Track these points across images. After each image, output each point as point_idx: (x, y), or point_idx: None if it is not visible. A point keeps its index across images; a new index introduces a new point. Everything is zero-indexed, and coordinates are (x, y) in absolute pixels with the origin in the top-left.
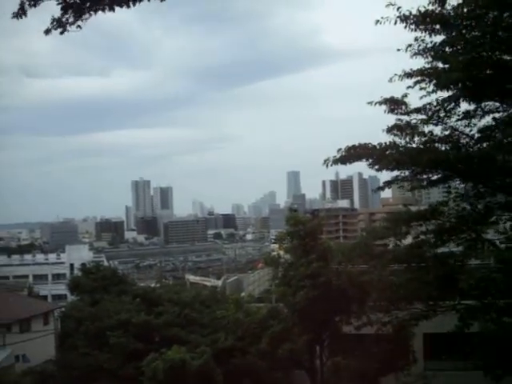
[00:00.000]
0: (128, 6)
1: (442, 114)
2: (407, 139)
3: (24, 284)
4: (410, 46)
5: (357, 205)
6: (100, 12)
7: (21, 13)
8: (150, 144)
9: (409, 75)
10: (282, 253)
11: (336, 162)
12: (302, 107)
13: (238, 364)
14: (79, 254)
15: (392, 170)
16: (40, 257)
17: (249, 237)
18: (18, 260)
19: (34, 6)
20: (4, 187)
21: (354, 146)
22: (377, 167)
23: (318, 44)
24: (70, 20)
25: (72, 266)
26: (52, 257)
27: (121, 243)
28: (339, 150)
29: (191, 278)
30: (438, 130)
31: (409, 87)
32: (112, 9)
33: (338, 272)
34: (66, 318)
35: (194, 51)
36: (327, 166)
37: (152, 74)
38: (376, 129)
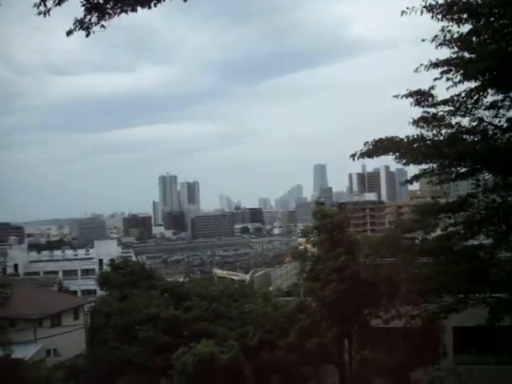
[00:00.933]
0: (149, 7)
1: (469, 105)
2: (434, 132)
3: (54, 279)
4: (436, 36)
5: (384, 198)
6: (123, 13)
7: (41, 5)
8: (177, 139)
9: (435, 65)
10: (309, 246)
11: (363, 155)
12: (328, 100)
13: (267, 358)
14: (108, 250)
15: (419, 163)
16: (69, 252)
17: (276, 231)
18: (48, 256)
19: (59, 4)
20: (32, 185)
21: (380, 139)
22: (404, 161)
23: (346, 36)
24: (94, 20)
25: (101, 261)
26: (81, 252)
27: (148, 238)
28: (366, 143)
29: (219, 272)
30: (465, 122)
31: (436, 79)
32: (134, 9)
33: (366, 265)
34: (96, 312)
35: (218, 46)
36: (354, 159)
37: (176, 69)
38: (405, 122)
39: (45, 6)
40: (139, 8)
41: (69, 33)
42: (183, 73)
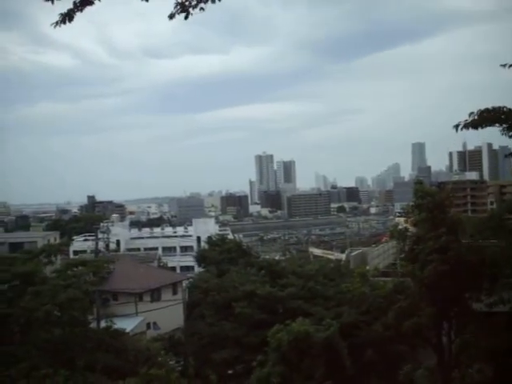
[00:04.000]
0: None
1: None
2: None
3: (154, 256)
4: None
5: (486, 177)
6: None
7: None
8: (273, 118)
9: None
10: (408, 226)
11: (467, 126)
12: (426, 76)
13: (363, 337)
14: (206, 227)
15: None
16: (169, 230)
17: (372, 210)
18: (148, 233)
19: None
20: (133, 165)
21: (487, 109)
22: (511, 133)
23: (442, 8)
24: (193, 3)
25: (199, 238)
26: (180, 230)
27: (245, 217)
28: (471, 113)
29: (314, 251)
30: None
31: None
32: None
33: (468, 246)
34: (194, 288)
35: (311, 24)
36: (457, 130)
37: (271, 48)
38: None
39: None
40: None
41: (171, 16)
42: (277, 52)
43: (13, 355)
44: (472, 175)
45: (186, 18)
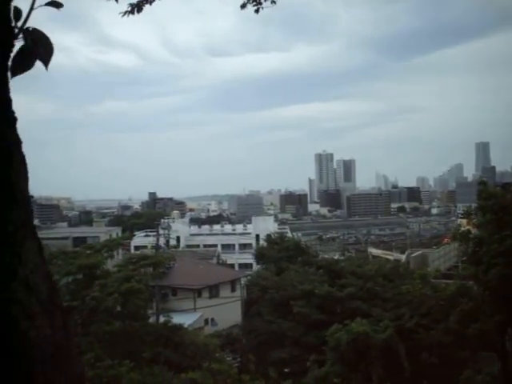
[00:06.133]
0: None
1: None
2: None
3: (213, 252)
4: None
5: None
6: None
7: None
8: (334, 117)
9: None
10: (470, 228)
11: None
12: (492, 74)
13: (422, 340)
14: (265, 225)
15: None
16: (228, 227)
17: (434, 211)
18: (208, 230)
19: None
20: (194, 162)
21: None
22: None
23: (509, 4)
24: None
25: (258, 236)
26: (239, 227)
27: (304, 215)
28: None
29: (373, 251)
30: None
31: None
32: None
33: None
34: (252, 285)
35: (371, 22)
36: None
37: (332, 46)
38: None
39: None
40: None
41: (242, 6)
42: (338, 50)
43: (77, 346)
44: None
45: (257, 11)
